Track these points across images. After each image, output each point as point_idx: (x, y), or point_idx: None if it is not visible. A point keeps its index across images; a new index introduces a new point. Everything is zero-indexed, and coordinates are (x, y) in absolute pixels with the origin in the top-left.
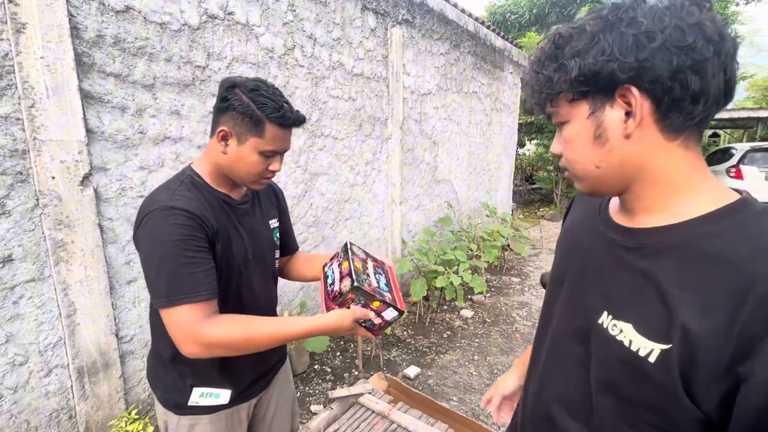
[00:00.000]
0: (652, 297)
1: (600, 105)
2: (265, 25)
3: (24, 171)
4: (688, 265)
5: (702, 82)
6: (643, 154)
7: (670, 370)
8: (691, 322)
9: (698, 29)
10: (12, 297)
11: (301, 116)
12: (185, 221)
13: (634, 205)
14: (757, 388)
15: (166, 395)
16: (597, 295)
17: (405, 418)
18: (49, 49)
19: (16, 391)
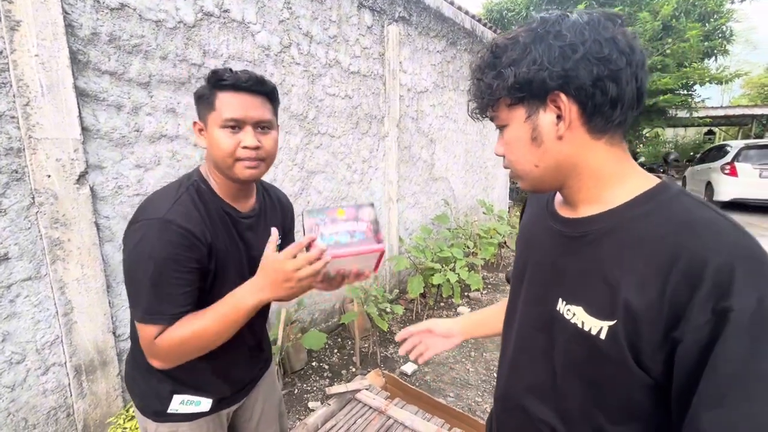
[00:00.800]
0: (597, 279)
1: (535, 109)
2: (261, 22)
3: (19, 169)
4: (623, 246)
5: (618, 89)
6: (574, 153)
7: (618, 343)
8: (630, 297)
9: (612, 42)
10: (8, 295)
11: (257, 76)
12: (179, 239)
13: (573, 198)
14: (688, 349)
15: (144, 402)
16: (553, 285)
17: (402, 413)
18: (44, 47)
19: (14, 389)
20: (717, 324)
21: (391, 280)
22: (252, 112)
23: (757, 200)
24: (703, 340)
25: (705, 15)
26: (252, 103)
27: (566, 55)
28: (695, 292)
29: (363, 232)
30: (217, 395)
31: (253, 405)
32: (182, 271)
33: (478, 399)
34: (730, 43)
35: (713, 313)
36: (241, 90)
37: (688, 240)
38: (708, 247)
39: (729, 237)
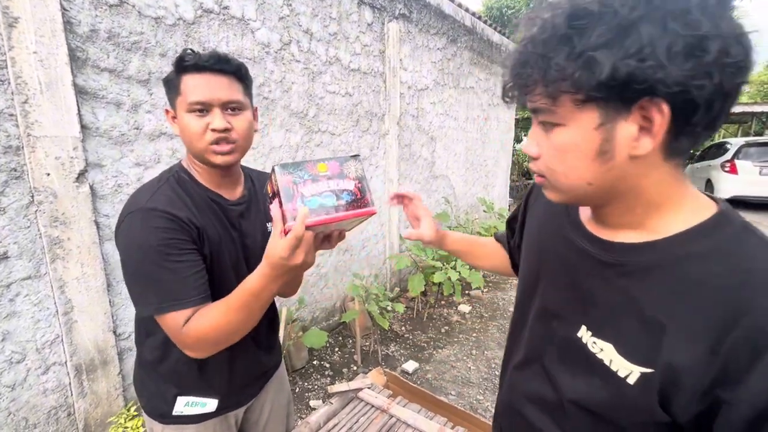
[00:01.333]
0: (635, 319)
1: (613, 116)
2: (261, 19)
3: (18, 167)
4: (672, 289)
5: (722, 107)
6: (640, 175)
7: (649, 392)
8: (676, 348)
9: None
10: (8, 295)
11: (218, 54)
12: (165, 224)
13: (613, 220)
14: (742, 414)
15: (151, 403)
16: (573, 307)
17: (404, 412)
18: (42, 44)
19: (14, 389)
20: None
21: (391, 278)
22: (218, 92)
23: (758, 198)
24: (759, 407)
25: None
26: (218, 83)
27: (692, 52)
28: (759, 359)
29: (351, 192)
30: (222, 396)
31: (262, 406)
32: (181, 254)
33: (479, 397)
34: None
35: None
36: (205, 70)
37: (756, 298)
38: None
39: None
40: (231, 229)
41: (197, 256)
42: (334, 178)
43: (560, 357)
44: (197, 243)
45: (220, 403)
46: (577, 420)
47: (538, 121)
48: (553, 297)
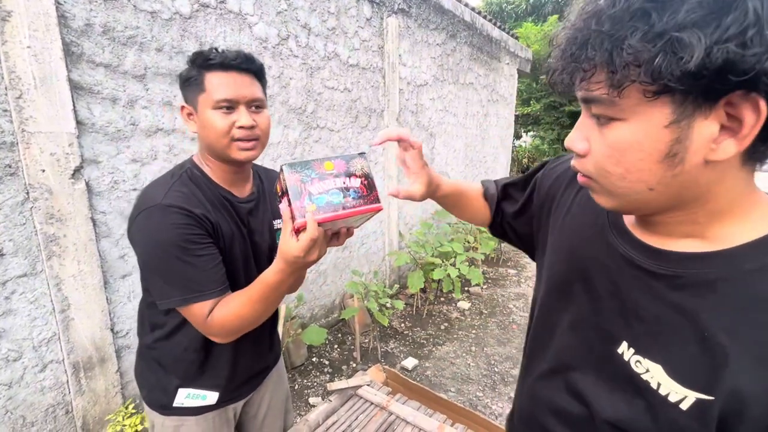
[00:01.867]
0: (690, 339)
1: (690, 112)
2: (259, 14)
3: (13, 164)
4: (737, 306)
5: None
6: (712, 182)
7: (706, 420)
8: (741, 374)
9: None
10: (4, 292)
11: (244, 54)
12: (183, 220)
13: (670, 228)
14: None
15: (152, 395)
16: (613, 320)
17: (403, 409)
18: (36, 38)
19: (11, 387)
20: None
21: (391, 275)
22: (244, 90)
23: None
24: None
25: None
26: (243, 81)
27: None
28: None
29: (357, 189)
30: (222, 389)
31: (260, 400)
32: (201, 248)
33: (479, 394)
34: None
35: None
36: (231, 69)
37: None
38: None
39: None
40: (241, 225)
41: (215, 249)
42: (341, 176)
43: (597, 372)
44: (213, 237)
45: (221, 397)
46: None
47: (591, 113)
48: (590, 307)
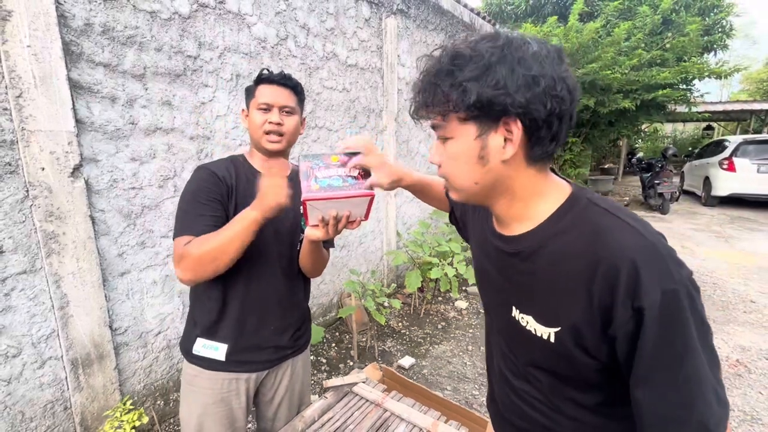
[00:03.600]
0: (538, 292)
1: (486, 129)
2: (258, 14)
3: (13, 162)
4: (551, 262)
5: (559, 126)
6: (512, 176)
7: (566, 344)
8: (566, 307)
9: (564, 83)
10: (3, 289)
11: (284, 74)
12: (206, 176)
13: (504, 215)
14: (621, 342)
15: (182, 340)
16: (505, 294)
17: (398, 406)
18: (36, 38)
19: (10, 383)
20: (636, 320)
21: (389, 274)
22: (279, 98)
23: (755, 195)
24: (629, 333)
25: (705, 9)
26: (280, 92)
27: (529, 86)
28: (615, 296)
29: (354, 177)
30: (231, 342)
31: (277, 387)
32: (208, 199)
33: (475, 392)
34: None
35: (632, 311)
36: (273, 83)
37: (600, 250)
38: (616, 254)
39: (630, 241)
40: None
41: (218, 207)
42: (343, 167)
43: (509, 335)
44: (225, 197)
45: (229, 354)
46: (537, 377)
47: (438, 136)
48: (491, 289)
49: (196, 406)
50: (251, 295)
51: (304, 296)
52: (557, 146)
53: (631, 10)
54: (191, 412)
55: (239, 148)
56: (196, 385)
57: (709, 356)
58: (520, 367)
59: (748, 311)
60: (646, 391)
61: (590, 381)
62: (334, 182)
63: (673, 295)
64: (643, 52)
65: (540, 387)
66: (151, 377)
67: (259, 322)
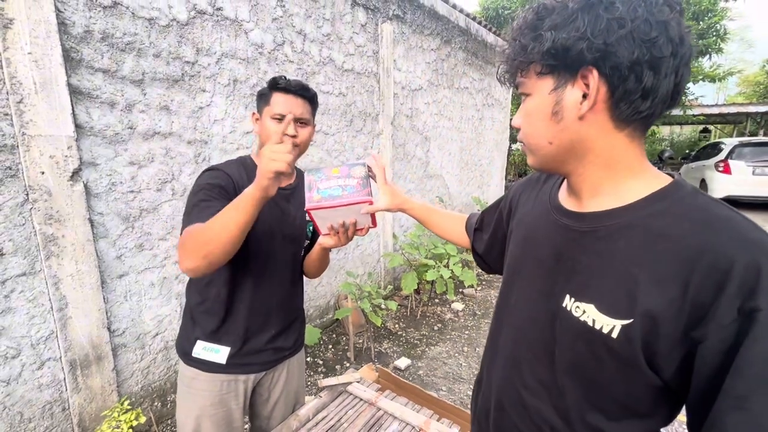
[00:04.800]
0: (611, 276)
1: (563, 82)
2: (254, 20)
3: (13, 166)
4: (639, 243)
5: (654, 80)
6: (592, 138)
7: (632, 343)
8: (649, 295)
9: (663, 27)
10: (3, 291)
11: (302, 84)
12: (216, 175)
13: (579, 186)
14: (712, 348)
15: (179, 341)
16: (558, 281)
17: (391, 405)
18: (37, 45)
19: (9, 384)
20: (744, 324)
21: (385, 276)
22: (295, 109)
23: (750, 197)
24: (728, 339)
25: (699, 13)
26: (296, 103)
27: (611, 29)
28: (721, 291)
29: (353, 186)
30: (233, 346)
31: (273, 386)
32: (217, 193)
33: (469, 392)
34: (724, 41)
35: (740, 313)
36: (290, 92)
37: (711, 238)
38: (733, 245)
39: (752, 235)
40: (274, 206)
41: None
42: (343, 178)
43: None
44: (231, 194)
45: (231, 357)
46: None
47: (521, 94)
48: (537, 276)
49: (193, 407)
50: (257, 298)
51: (301, 297)
52: (655, 106)
53: None
54: (189, 413)
55: (236, 152)
56: (193, 387)
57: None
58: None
59: None
60: (739, 419)
61: (631, 404)
62: (335, 192)
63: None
64: None
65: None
66: (149, 378)
67: (262, 325)
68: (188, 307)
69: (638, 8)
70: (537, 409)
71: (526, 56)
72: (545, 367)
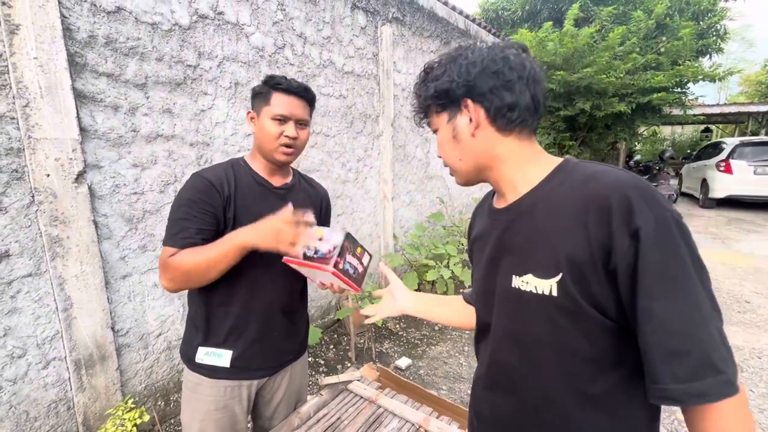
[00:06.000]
0: (536, 246)
1: (454, 114)
2: (255, 24)
3: (19, 169)
4: (548, 212)
5: (512, 97)
6: (489, 147)
7: (570, 294)
8: (566, 250)
9: (505, 60)
10: (10, 291)
11: (304, 85)
12: (202, 186)
13: (500, 187)
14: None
15: (184, 347)
16: (505, 267)
17: (391, 402)
18: (43, 50)
19: (15, 383)
20: (634, 246)
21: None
22: (296, 111)
23: (752, 197)
24: (630, 262)
25: (699, 13)
26: (297, 104)
27: (470, 71)
28: (611, 225)
29: (324, 253)
30: (235, 350)
31: (277, 388)
32: (198, 211)
33: (470, 391)
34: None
35: (629, 237)
36: (291, 93)
37: (592, 188)
38: (607, 188)
39: (621, 178)
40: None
41: (210, 219)
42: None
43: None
44: (219, 208)
45: (233, 361)
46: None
47: (433, 131)
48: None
49: (198, 412)
50: (257, 302)
51: (304, 301)
52: (524, 114)
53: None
54: (193, 417)
55: (238, 154)
56: (198, 393)
57: (710, 299)
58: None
59: (743, 311)
60: (651, 327)
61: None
62: (308, 252)
63: (664, 220)
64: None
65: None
66: (152, 378)
67: (263, 328)
68: (190, 314)
69: (484, 53)
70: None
71: (424, 102)
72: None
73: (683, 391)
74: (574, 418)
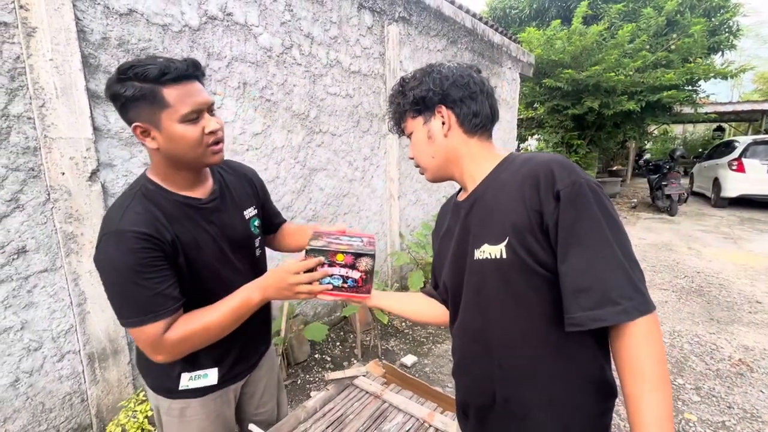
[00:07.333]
0: (489, 220)
1: (428, 117)
2: (263, 25)
3: (36, 167)
4: (496, 192)
5: (476, 105)
6: (457, 146)
7: (517, 254)
8: (510, 217)
9: (470, 76)
10: (26, 286)
11: (190, 60)
12: (137, 244)
13: (463, 181)
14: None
15: (157, 381)
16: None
17: (396, 397)
18: (58, 52)
19: (32, 375)
20: (557, 204)
21: (392, 275)
22: (200, 97)
23: (765, 196)
24: (555, 218)
25: (710, 10)
26: (198, 88)
27: (444, 82)
28: (539, 192)
29: (355, 281)
30: (221, 366)
31: (257, 381)
32: (154, 270)
33: None
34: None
35: (554, 198)
36: (185, 80)
37: (528, 167)
38: (537, 165)
39: (547, 157)
40: (208, 226)
41: (169, 270)
42: (346, 267)
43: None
44: (170, 256)
45: (221, 375)
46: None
47: (407, 136)
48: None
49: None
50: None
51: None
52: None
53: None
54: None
55: (246, 153)
56: (187, 416)
57: (622, 249)
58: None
59: (754, 311)
60: (563, 269)
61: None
62: (335, 281)
63: (579, 185)
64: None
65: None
66: None
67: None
68: None
69: (453, 69)
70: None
71: (401, 108)
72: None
73: (586, 317)
74: (536, 368)
